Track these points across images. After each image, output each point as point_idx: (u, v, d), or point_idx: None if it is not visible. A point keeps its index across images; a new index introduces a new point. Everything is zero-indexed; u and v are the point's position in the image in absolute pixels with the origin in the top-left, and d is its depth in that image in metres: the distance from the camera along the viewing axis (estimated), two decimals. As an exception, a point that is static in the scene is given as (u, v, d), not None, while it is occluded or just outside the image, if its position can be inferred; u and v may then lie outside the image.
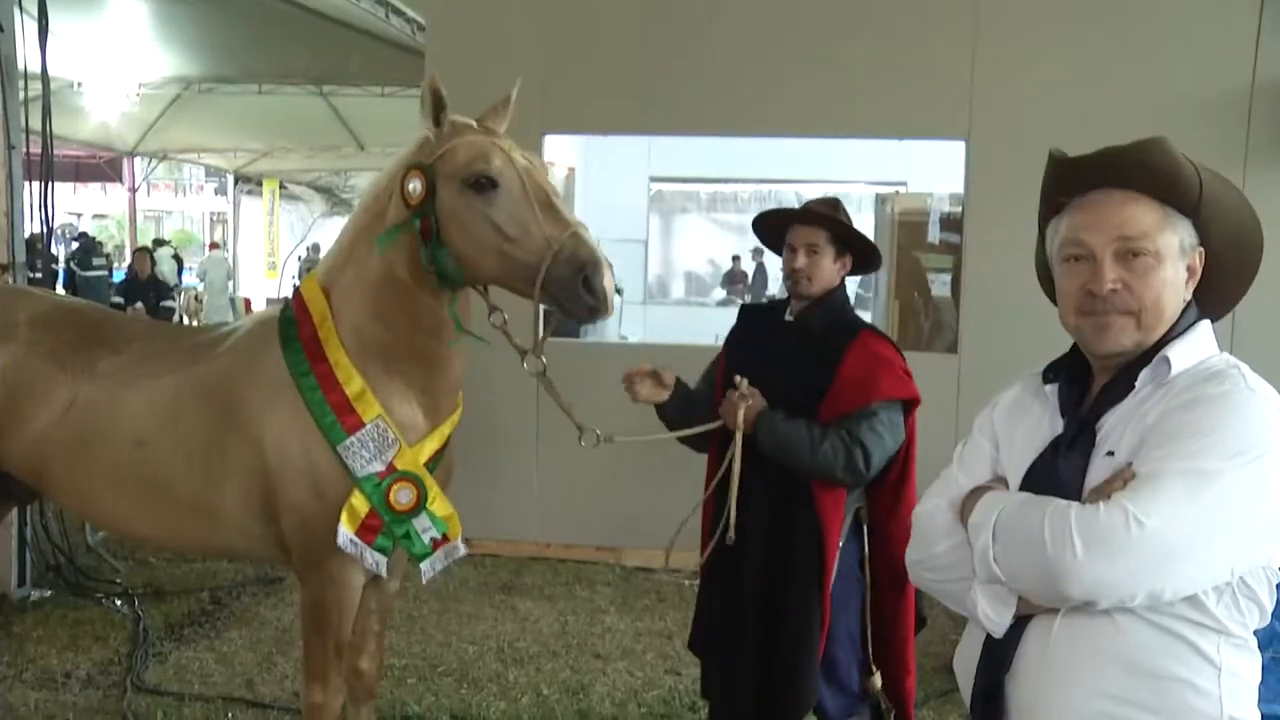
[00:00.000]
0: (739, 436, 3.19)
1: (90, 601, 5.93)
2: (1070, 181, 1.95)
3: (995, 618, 1.88)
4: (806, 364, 3.28)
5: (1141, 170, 1.87)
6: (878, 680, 3.38)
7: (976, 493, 1.97)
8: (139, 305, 12.89)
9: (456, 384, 3.30)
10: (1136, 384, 1.88)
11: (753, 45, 6.65)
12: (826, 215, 3.32)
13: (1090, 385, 1.99)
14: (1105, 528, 1.68)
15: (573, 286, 2.82)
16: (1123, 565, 1.68)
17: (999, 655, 1.90)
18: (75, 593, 6.04)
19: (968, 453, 2.11)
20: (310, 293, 3.24)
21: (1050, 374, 2.05)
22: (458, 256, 2.97)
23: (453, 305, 3.11)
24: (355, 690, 3.52)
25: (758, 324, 3.58)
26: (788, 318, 3.42)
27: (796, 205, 3.64)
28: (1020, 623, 1.87)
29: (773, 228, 3.48)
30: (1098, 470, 1.85)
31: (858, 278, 4.62)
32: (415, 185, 2.96)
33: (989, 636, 1.91)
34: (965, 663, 2.02)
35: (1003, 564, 1.82)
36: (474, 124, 3.04)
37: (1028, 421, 2.04)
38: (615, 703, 4.84)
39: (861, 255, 3.40)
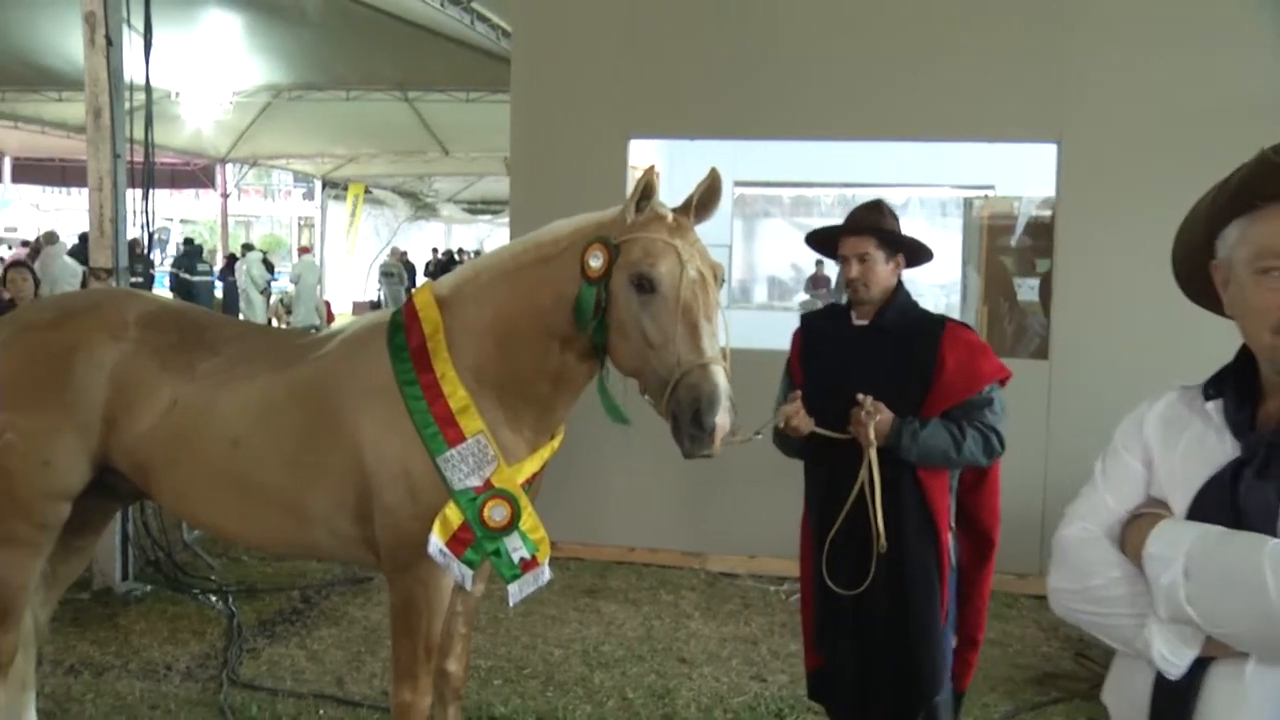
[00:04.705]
0: (872, 453, 3.27)
1: (187, 597, 6.10)
2: (1274, 184, 1.73)
3: (1174, 659, 1.72)
4: (899, 364, 3.39)
5: None
6: (953, 641, 3.50)
7: (1144, 519, 1.81)
8: None
9: (562, 419, 3.35)
10: None
11: (839, 48, 6.61)
12: (870, 224, 3.43)
13: (1260, 403, 1.80)
14: None
15: (684, 414, 2.83)
16: None
17: (1179, 699, 1.73)
18: (173, 588, 6.22)
19: (1112, 471, 1.94)
20: (423, 302, 3.28)
21: (1211, 389, 1.86)
22: (609, 340, 3.03)
23: (606, 393, 3.16)
24: (442, 691, 3.55)
25: (826, 331, 3.64)
26: (859, 322, 3.50)
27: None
28: (1199, 664, 1.72)
29: (826, 241, 3.58)
30: None
31: (953, 287, 4.61)
32: (597, 260, 2.99)
33: (1161, 677, 1.76)
34: (1127, 701, 1.87)
35: (1199, 605, 1.66)
36: (669, 216, 3.01)
37: (1187, 440, 1.86)
38: (701, 708, 4.83)
39: (913, 251, 3.50)
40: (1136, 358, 6.24)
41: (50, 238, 15.99)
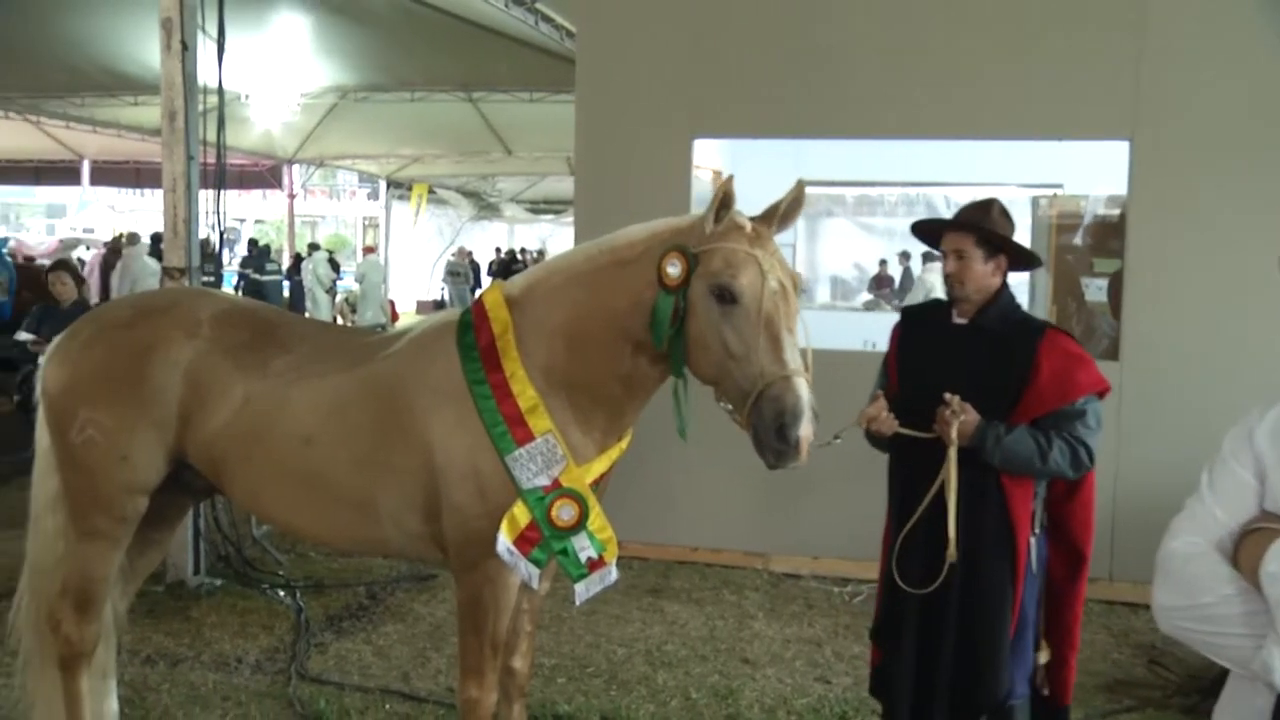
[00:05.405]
0: (953, 452, 3.24)
1: (256, 591, 6.20)
2: None
3: None
4: (994, 366, 3.34)
5: None
6: (1044, 655, 3.47)
7: (1260, 534, 1.75)
8: None
9: (632, 422, 3.36)
10: None
11: (903, 46, 6.54)
12: (972, 222, 3.40)
13: None
14: None
15: (768, 428, 2.84)
16: None
17: None
18: (243, 583, 6.33)
19: (1221, 483, 1.87)
20: (493, 302, 3.30)
21: None
22: (687, 349, 3.03)
23: (682, 403, 3.15)
24: (508, 688, 3.59)
25: (925, 327, 3.61)
26: (959, 320, 3.46)
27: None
28: None
29: (932, 233, 3.56)
30: None
31: (1020, 287, 4.56)
32: (675, 269, 2.99)
33: None
34: None
35: None
36: (747, 226, 3.01)
37: None
38: (764, 709, 4.82)
39: (1018, 255, 3.46)
40: (1210, 359, 6.12)
41: (132, 238, 16.50)
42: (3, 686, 4.73)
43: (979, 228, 3.37)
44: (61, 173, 25.50)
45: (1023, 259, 3.48)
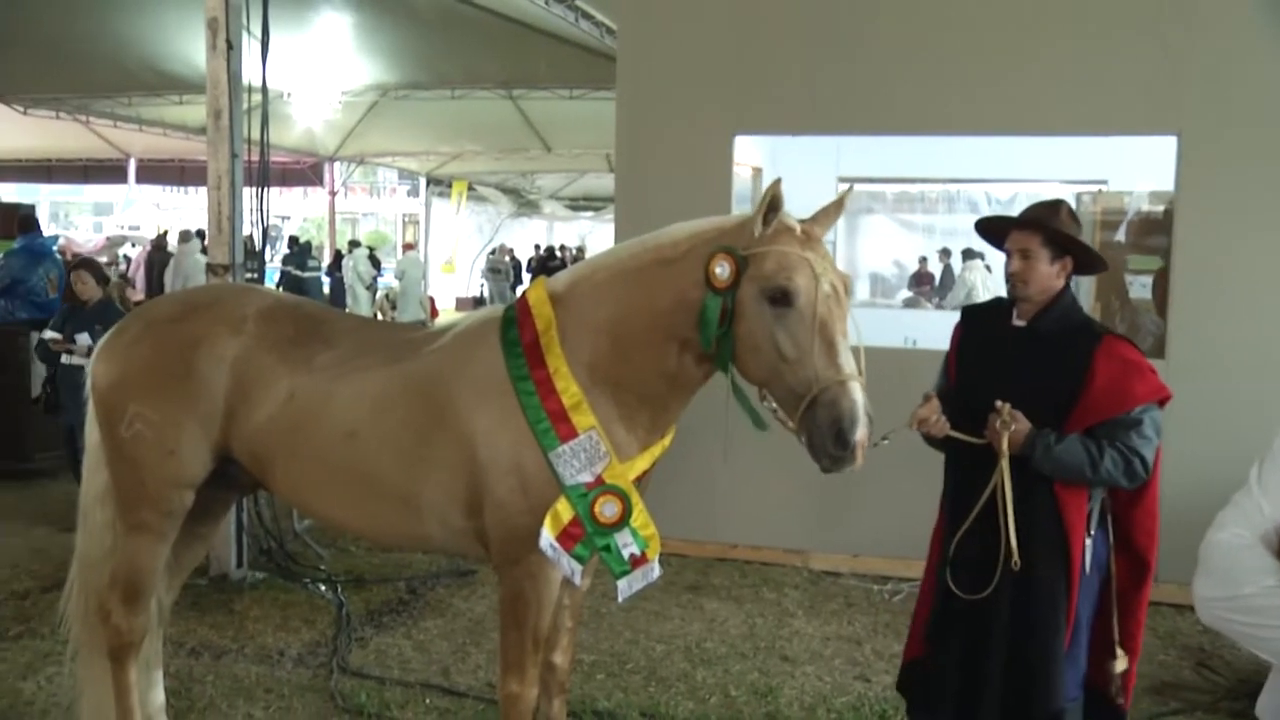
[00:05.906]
0: (1005, 463, 3.19)
1: (298, 586, 6.26)
2: None
3: None
4: (1048, 371, 3.29)
5: None
6: (1121, 662, 3.39)
7: None
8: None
9: (675, 419, 3.35)
10: None
11: (946, 42, 6.48)
12: (1036, 221, 3.34)
13: None
14: None
15: (824, 433, 2.81)
16: None
17: None
18: (285, 577, 6.39)
19: (1270, 478, 1.87)
20: (536, 298, 3.30)
21: None
22: (735, 350, 3.01)
23: (745, 401, 3.12)
24: (548, 684, 3.58)
25: (985, 328, 3.56)
26: (1017, 322, 3.41)
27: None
28: None
29: (995, 231, 3.51)
30: None
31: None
32: (723, 270, 2.98)
33: None
34: None
35: None
36: (797, 228, 3.00)
37: None
38: (804, 707, 4.80)
39: (1084, 256, 3.40)
40: (1257, 356, 6.03)
41: (184, 236, 16.83)
42: (55, 675, 4.81)
43: (1047, 227, 3.31)
44: (109, 171, 25.85)
45: (1089, 262, 3.42)
